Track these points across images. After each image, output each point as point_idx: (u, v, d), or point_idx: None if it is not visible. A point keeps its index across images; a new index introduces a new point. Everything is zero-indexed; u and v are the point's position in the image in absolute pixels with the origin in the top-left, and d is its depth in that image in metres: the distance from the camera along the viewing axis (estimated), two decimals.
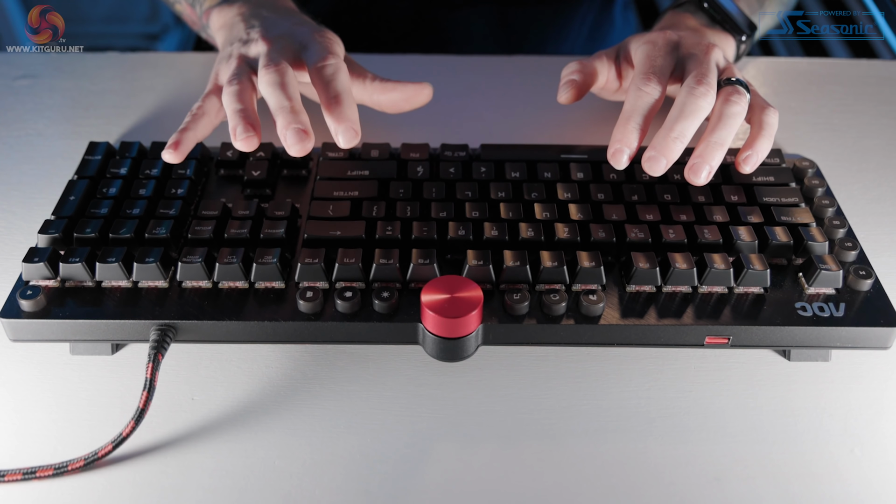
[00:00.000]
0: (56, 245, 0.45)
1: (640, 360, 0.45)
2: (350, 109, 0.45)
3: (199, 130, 0.47)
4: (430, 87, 0.52)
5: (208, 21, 0.59)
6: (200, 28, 0.64)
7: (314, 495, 0.38)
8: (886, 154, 0.61)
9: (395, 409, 0.42)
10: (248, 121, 0.45)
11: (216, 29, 0.58)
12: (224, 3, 0.58)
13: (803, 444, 0.41)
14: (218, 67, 0.51)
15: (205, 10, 0.60)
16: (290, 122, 0.44)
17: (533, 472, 0.39)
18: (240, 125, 0.44)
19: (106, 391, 0.43)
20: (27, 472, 0.38)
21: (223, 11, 0.57)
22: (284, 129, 0.44)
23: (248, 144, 0.44)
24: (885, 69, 0.71)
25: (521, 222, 0.46)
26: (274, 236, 0.45)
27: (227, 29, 0.55)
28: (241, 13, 0.55)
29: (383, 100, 0.52)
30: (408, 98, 0.52)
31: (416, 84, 0.52)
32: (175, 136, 0.46)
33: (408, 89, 0.52)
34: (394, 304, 0.42)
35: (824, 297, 0.43)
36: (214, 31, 0.58)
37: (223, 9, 0.57)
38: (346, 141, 0.45)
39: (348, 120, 0.44)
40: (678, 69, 0.49)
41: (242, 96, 0.46)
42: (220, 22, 0.57)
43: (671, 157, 0.45)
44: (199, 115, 0.48)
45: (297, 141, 0.43)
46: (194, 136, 0.47)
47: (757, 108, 0.48)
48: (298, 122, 0.44)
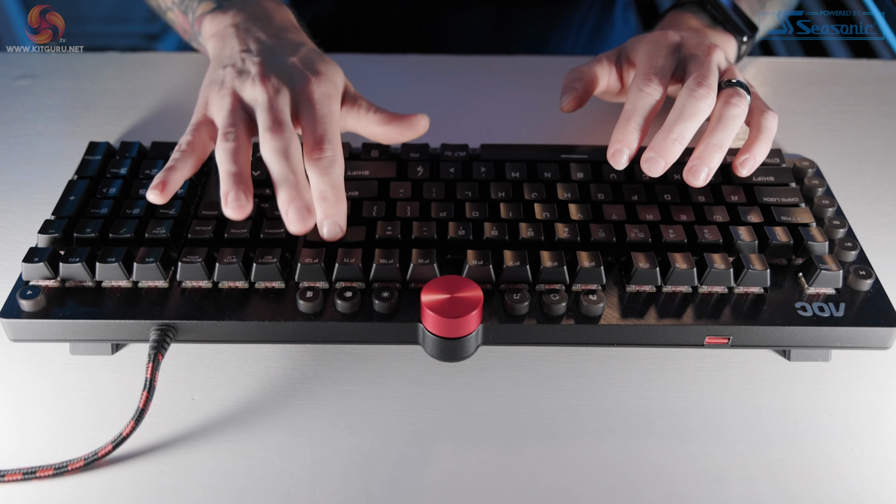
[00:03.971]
0: (56, 245, 0.45)
1: (640, 360, 0.45)
2: (341, 206, 0.43)
3: (187, 169, 0.44)
4: (426, 120, 0.50)
5: (200, 28, 0.57)
6: (192, 36, 0.61)
7: (314, 495, 0.38)
8: (886, 154, 0.61)
9: (395, 409, 0.42)
10: (241, 187, 0.42)
11: (208, 37, 0.55)
12: (218, 10, 0.55)
13: (803, 444, 0.41)
14: (207, 93, 0.47)
15: (197, 16, 0.58)
16: (293, 198, 0.41)
17: (533, 472, 0.39)
18: (232, 191, 0.41)
19: (106, 391, 0.43)
20: (27, 472, 0.38)
21: (216, 18, 0.55)
22: (287, 205, 0.41)
23: (240, 214, 0.41)
24: (885, 69, 0.71)
25: (521, 222, 0.46)
26: (274, 236, 0.45)
27: (219, 39, 0.53)
28: (234, 24, 0.53)
29: (378, 132, 0.50)
30: (402, 131, 0.50)
31: (413, 117, 0.50)
32: (161, 176, 0.43)
33: (403, 123, 0.50)
34: (394, 304, 0.42)
35: (824, 297, 0.43)
36: (206, 38, 0.56)
37: (216, 16, 0.55)
38: (331, 235, 0.43)
39: (336, 215, 0.43)
40: (679, 70, 0.49)
41: (237, 157, 0.43)
42: (213, 30, 0.55)
43: (670, 158, 0.45)
44: (189, 152, 0.44)
45: (298, 219, 0.41)
46: (182, 175, 0.44)
47: (756, 112, 0.48)
48: (301, 198, 0.41)
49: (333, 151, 0.44)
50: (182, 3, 0.60)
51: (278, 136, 0.43)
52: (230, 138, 0.44)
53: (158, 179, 0.43)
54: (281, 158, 0.42)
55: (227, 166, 0.43)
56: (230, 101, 0.46)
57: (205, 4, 0.57)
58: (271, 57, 0.48)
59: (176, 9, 0.62)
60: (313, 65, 0.48)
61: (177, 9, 0.62)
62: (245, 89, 0.46)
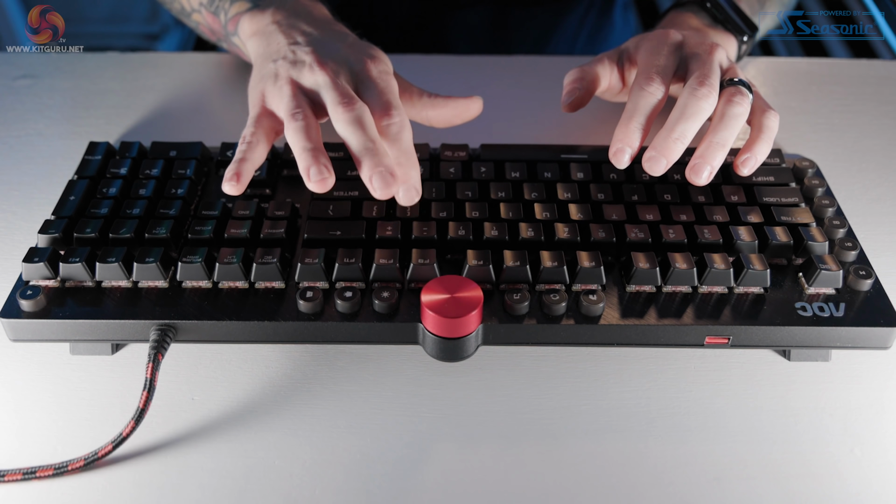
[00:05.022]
0: (56, 245, 0.45)
1: (640, 360, 0.45)
2: (415, 170, 0.44)
3: (256, 160, 0.45)
4: (480, 101, 0.51)
5: (236, 28, 0.57)
6: (222, 37, 0.61)
7: (314, 495, 0.38)
8: (886, 154, 0.61)
9: (395, 409, 0.42)
10: (320, 161, 0.42)
11: (248, 35, 0.55)
12: (255, 9, 0.55)
13: (803, 444, 0.41)
14: (262, 87, 0.48)
15: (231, 16, 0.57)
16: (376, 165, 0.42)
17: (533, 472, 0.39)
18: (313, 166, 0.42)
19: (106, 391, 0.43)
20: (27, 472, 0.38)
21: (255, 17, 0.54)
22: (371, 172, 0.42)
23: (324, 186, 0.42)
24: (885, 69, 0.71)
25: (521, 222, 0.46)
26: (274, 236, 0.45)
27: (261, 37, 0.53)
28: (276, 21, 0.53)
29: (433, 115, 0.51)
30: (458, 113, 0.51)
31: (467, 98, 0.51)
32: (234, 167, 0.44)
33: (459, 104, 0.51)
34: (394, 304, 0.42)
35: (824, 297, 0.43)
36: (245, 37, 0.55)
37: (255, 15, 0.55)
38: (408, 200, 0.44)
39: (412, 180, 0.44)
40: (681, 69, 0.49)
41: (310, 133, 0.44)
42: (253, 29, 0.54)
43: (671, 157, 0.45)
44: (254, 143, 0.45)
45: (384, 186, 0.42)
46: (252, 165, 0.44)
47: (758, 111, 0.48)
48: (383, 165, 0.42)
49: (401, 117, 0.45)
50: (212, 4, 0.60)
51: (350, 108, 0.44)
52: (299, 118, 0.44)
53: (232, 171, 0.43)
54: (357, 128, 0.43)
55: (301, 143, 0.43)
56: (290, 87, 0.46)
57: (239, 4, 0.57)
58: (322, 46, 0.49)
59: (204, 10, 0.62)
60: (365, 49, 0.50)
61: (205, 10, 0.61)
62: (303, 76, 0.47)
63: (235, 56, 0.70)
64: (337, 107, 0.44)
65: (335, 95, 0.45)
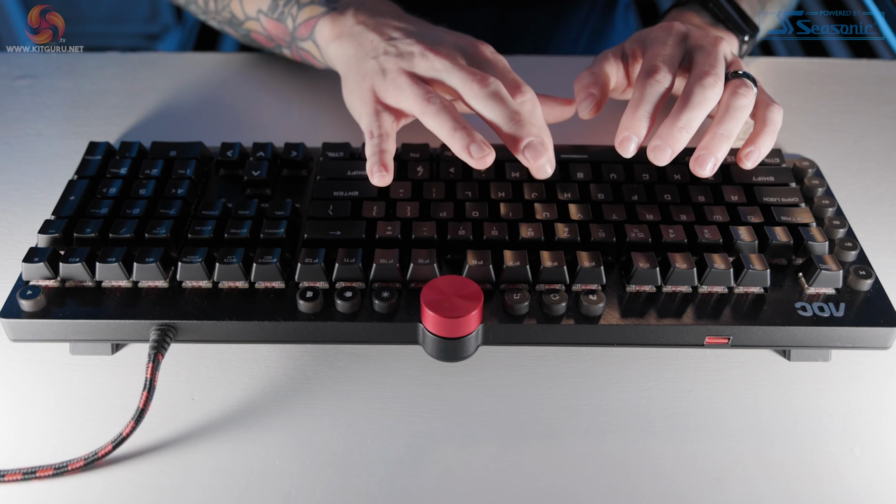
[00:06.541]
0: (56, 245, 0.45)
1: (640, 360, 0.45)
2: (550, 143, 0.45)
3: (392, 149, 0.46)
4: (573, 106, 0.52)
5: (310, 33, 0.56)
6: (286, 44, 0.60)
7: (314, 495, 0.38)
8: (886, 154, 0.61)
9: (395, 409, 0.42)
10: (476, 138, 0.44)
11: (329, 39, 0.54)
12: (333, 13, 0.54)
13: (803, 444, 0.41)
14: (371, 84, 0.48)
15: (302, 22, 0.56)
16: (527, 135, 0.44)
17: (533, 472, 0.39)
18: (473, 144, 0.43)
19: (106, 391, 0.43)
20: (27, 472, 0.38)
21: (336, 21, 0.54)
22: (523, 144, 0.44)
23: (485, 163, 0.44)
24: (885, 69, 0.71)
25: (521, 222, 0.46)
26: (274, 236, 0.45)
27: (349, 38, 0.52)
28: (361, 21, 0.52)
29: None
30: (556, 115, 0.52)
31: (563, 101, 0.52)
32: (376, 159, 0.45)
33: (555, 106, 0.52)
34: (394, 304, 0.42)
35: (824, 297, 0.43)
36: (325, 41, 0.54)
37: (335, 18, 0.54)
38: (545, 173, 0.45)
39: (549, 151, 0.45)
40: (686, 60, 0.49)
41: (452, 112, 0.44)
42: (335, 32, 0.53)
43: (677, 147, 0.45)
44: (385, 135, 0.46)
45: (536, 156, 0.44)
46: (391, 155, 0.46)
47: (762, 105, 0.48)
48: (533, 134, 0.44)
49: (531, 93, 0.46)
50: (274, 11, 0.58)
51: (486, 84, 0.44)
52: (435, 101, 0.45)
53: (376, 162, 0.44)
54: (498, 102, 0.44)
55: (449, 124, 0.44)
56: (406, 78, 0.46)
57: (311, 8, 0.56)
58: (423, 37, 0.49)
59: (263, 17, 0.60)
60: (465, 36, 0.50)
61: (264, 17, 0.60)
62: (416, 65, 0.47)
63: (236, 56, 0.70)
64: (472, 84, 0.44)
65: (464, 74, 0.45)
